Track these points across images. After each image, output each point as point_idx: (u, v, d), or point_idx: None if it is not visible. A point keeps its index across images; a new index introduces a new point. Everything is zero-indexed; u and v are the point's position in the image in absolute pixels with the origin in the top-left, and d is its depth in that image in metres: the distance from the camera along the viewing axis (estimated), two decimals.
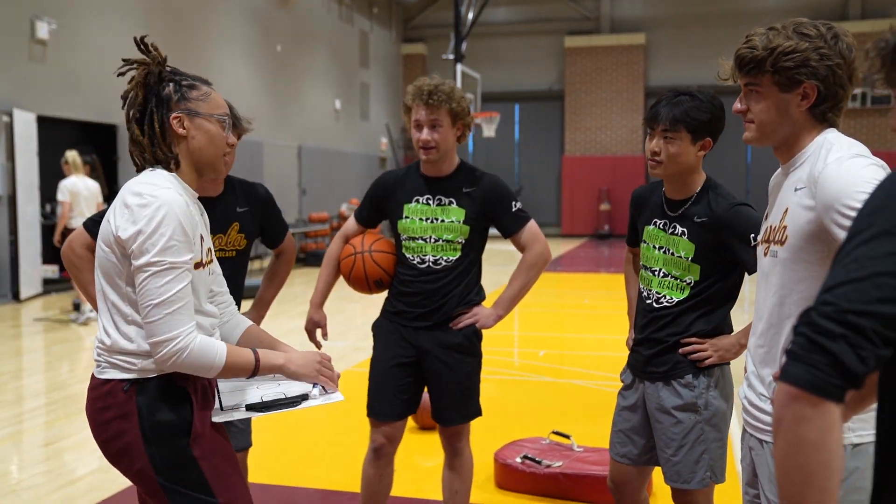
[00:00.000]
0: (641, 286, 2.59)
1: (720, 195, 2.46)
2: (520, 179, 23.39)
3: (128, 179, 2.69)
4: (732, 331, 2.53)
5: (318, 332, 3.08)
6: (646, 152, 2.49)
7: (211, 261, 2.01)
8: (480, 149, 23.32)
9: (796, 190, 1.76)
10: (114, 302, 1.88)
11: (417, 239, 2.93)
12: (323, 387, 2.03)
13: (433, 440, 4.49)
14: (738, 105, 1.86)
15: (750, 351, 1.92)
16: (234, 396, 2.14)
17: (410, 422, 4.65)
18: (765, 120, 1.82)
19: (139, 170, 1.96)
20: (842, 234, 1.61)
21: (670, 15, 22.14)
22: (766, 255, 1.87)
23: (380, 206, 3.05)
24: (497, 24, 22.76)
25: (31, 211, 10.34)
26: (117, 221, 1.84)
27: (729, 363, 2.52)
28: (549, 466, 3.78)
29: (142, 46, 1.96)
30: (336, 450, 4.51)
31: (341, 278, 3.08)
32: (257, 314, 2.95)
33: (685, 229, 2.45)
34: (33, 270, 10.28)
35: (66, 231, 8.46)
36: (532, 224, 3.00)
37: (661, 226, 2.52)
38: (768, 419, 1.83)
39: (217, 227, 2.65)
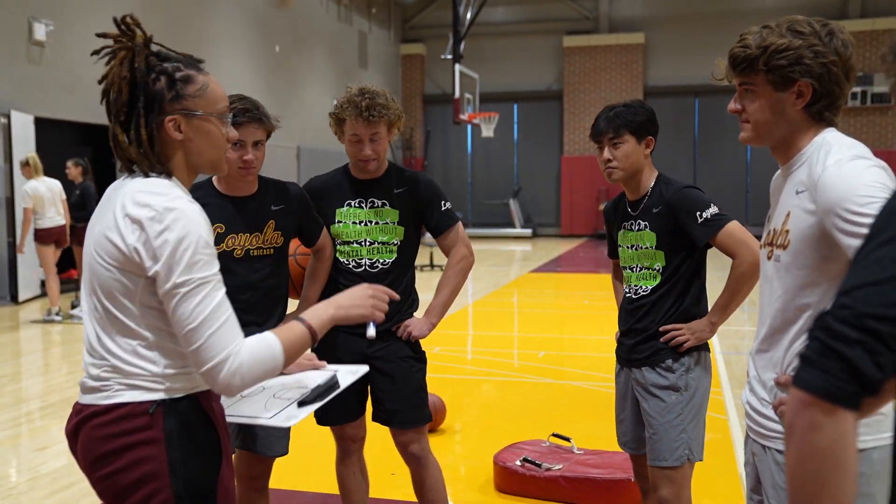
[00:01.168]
0: (625, 286, 2.83)
1: (669, 184, 2.71)
2: (519, 179, 23.38)
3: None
4: (707, 311, 2.74)
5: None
6: (600, 165, 2.74)
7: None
8: (479, 149, 23.30)
9: (797, 193, 1.73)
10: (125, 325, 1.65)
11: (352, 243, 2.91)
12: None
13: (432, 443, 4.47)
14: (732, 105, 1.84)
15: (752, 355, 1.90)
16: (251, 406, 2.13)
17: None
18: (760, 119, 1.79)
19: (130, 171, 1.73)
20: (844, 239, 1.58)
21: (669, 14, 22.13)
22: (769, 259, 1.84)
23: None
24: (495, 23, 22.74)
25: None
26: (127, 239, 1.60)
27: (708, 348, 2.75)
28: (549, 469, 3.75)
29: (122, 27, 1.72)
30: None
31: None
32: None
33: (646, 222, 2.70)
34: (31, 273, 10.25)
35: (43, 233, 8.45)
36: (460, 225, 3.03)
37: (628, 227, 2.78)
38: (770, 424, 1.81)
39: (253, 226, 2.68)
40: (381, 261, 2.90)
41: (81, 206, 8.86)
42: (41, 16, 10.54)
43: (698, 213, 2.59)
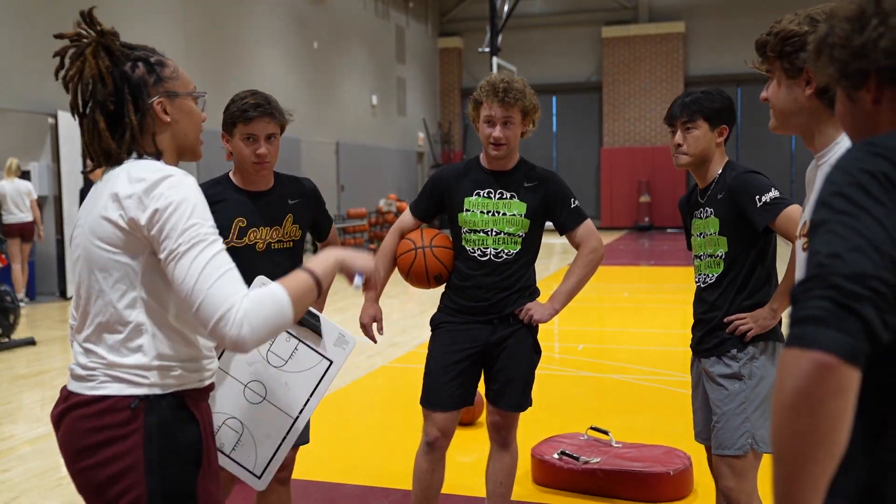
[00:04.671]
0: (696, 275, 2.81)
1: (733, 169, 2.69)
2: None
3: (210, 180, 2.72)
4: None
5: (374, 325, 3.08)
6: (671, 148, 2.72)
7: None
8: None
9: None
10: (117, 313, 1.63)
11: (479, 231, 2.97)
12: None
13: (471, 436, 4.50)
14: (763, 93, 1.87)
15: None
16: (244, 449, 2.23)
17: None
18: (777, 106, 1.82)
19: (97, 166, 1.72)
20: None
21: (710, 2, 21.80)
22: (804, 250, 1.83)
23: (439, 200, 3.09)
24: (533, 15, 22.62)
25: (76, 211, 10.56)
26: (127, 213, 1.59)
27: (780, 338, 2.66)
28: (586, 462, 3.75)
29: (87, 20, 1.74)
30: (377, 446, 4.53)
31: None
32: (319, 305, 3.01)
33: (712, 209, 2.68)
34: None
35: (7, 227, 9.22)
36: (589, 222, 3.09)
37: (698, 215, 2.77)
38: None
39: (273, 219, 2.74)
40: (507, 251, 2.97)
41: None
42: None
43: (758, 196, 2.54)
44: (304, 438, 2.92)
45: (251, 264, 2.49)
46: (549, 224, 3.06)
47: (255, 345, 1.54)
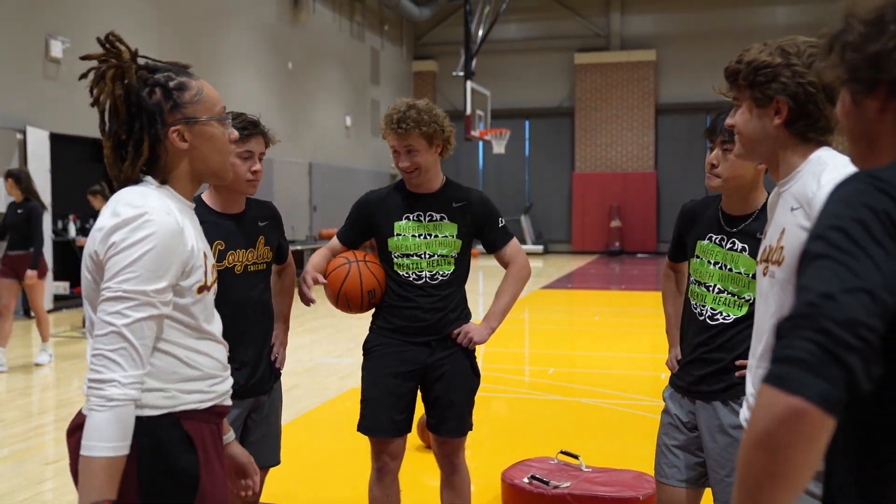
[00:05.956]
0: (693, 301, 2.53)
1: None
2: (530, 196, 23.38)
3: None
4: None
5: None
6: (706, 166, 2.45)
7: (215, 280, 1.77)
8: (490, 165, 23.34)
9: (792, 210, 1.75)
10: None
11: (412, 255, 2.95)
12: None
13: None
14: (729, 119, 1.89)
15: (750, 372, 1.90)
16: None
17: (416, 440, 4.62)
18: (745, 134, 1.84)
19: (120, 186, 1.69)
20: None
21: (680, 32, 22.16)
22: (764, 275, 1.85)
23: (367, 226, 3.06)
24: (507, 41, 22.84)
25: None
26: (98, 245, 1.59)
27: None
28: (556, 487, 3.74)
29: (106, 44, 1.69)
30: (342, 470, 4.48)
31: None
32: (283, 327, 3.02)
33: (745, 245, 2.40)
34: (45, 286, 10.32)
35: None
36: (515, 240, 3.12)
37: (717, 241, 2.47)
38: None
39: (247, 242, 2.73)
40: (441, 272, 2.96)
41: None
42: (58, 33, 10.67)
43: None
44: (274, 460, 2.89)
45: (229, 287, 2.49)
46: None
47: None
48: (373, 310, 3.06)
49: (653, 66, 22.28)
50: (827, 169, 1.71)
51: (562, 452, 4.13)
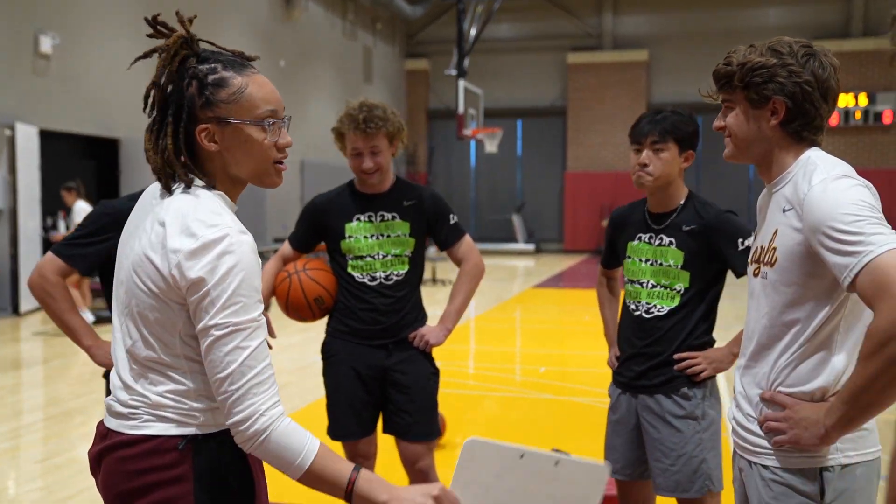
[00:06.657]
0: (628, 301, 2.67)
1: (707, 204, 2.58)
2: (522, 195, 23.40)
3: (131, 194, 2.45)
4: (714, 344, 2.61)
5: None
6: (632, 167, 2.58)
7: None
8: (482, 164, 23.34)
9: (784, 211, 1.75)
10: (159, 354, 1.51)
11: (365, 257, 2.93)
12: None
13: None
14: (717, 122, 1.88)
15: (738, 371, 1.91)
16: None
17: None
18: (739, 136, 1.83)
19: (166, 187, 1.56)
20: (829, 256, 1.60)
21: (673, 32, 22.22)
22: (755, 275, 1.85)
23: (317, 230, 3.03)
24: (500, 40, 22.84)
25: (32, 225, 10.35)
26: (170, 265, 1.45)
27: (715, 376, 2.60)
28: None
29: (159, 27, 1.58)
30: None
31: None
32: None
33: (672, 239, 2.56)
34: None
35: None
36: (468, 237, 3.07)
37: (646, 239, 2.63)
38: (756, 440, 1.82)
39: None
40: (396, 272, 2.93)
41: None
42: (47, 28, 10.61)
43: (740, 240, 2.46)
44: None
45: None
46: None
47: (257, 455, 1.46)
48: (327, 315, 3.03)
49: (645, 67, 22.33)
50: (818, 169, 1.71)
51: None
